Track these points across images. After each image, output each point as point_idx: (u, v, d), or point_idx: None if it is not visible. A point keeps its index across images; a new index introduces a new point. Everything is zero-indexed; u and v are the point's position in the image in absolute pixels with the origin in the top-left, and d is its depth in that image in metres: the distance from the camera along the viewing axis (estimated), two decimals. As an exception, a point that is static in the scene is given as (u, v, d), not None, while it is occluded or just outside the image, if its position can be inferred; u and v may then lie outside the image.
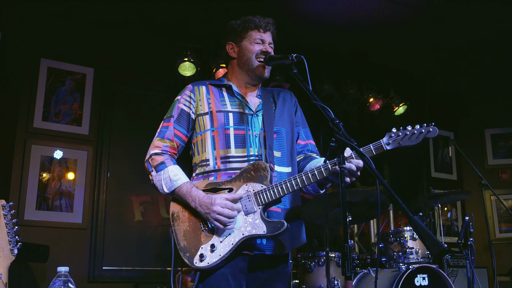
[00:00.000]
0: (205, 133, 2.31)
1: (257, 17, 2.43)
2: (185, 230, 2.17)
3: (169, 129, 2.33)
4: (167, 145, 2.31)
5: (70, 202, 4.66)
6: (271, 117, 2.35)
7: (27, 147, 4.56)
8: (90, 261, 4.62)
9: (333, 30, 5.29)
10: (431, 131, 2.08)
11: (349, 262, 1.78)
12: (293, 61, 2.20)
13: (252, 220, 2.12)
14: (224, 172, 2.25)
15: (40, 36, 4.80)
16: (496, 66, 6.05)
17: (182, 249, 2.13)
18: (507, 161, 6.83)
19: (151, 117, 5.04)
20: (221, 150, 2.26)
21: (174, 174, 2.21)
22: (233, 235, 2.11)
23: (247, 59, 2.38)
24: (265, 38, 2.40)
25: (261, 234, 2.09)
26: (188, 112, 2.36)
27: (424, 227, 1.74)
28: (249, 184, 2.17)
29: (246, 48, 2.39)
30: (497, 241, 6.46)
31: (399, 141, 2.09)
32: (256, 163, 2.20)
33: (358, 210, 4.22)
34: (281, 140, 2.35)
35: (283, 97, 2.49)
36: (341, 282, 3.92)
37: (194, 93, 2.39)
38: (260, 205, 2.14)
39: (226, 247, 2.09)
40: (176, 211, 2.22)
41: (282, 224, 2.08)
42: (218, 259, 2.08)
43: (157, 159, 2.26)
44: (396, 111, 6.34)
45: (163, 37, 5.26)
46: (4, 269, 1.99)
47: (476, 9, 4.87)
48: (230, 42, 2.46)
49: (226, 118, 2.30)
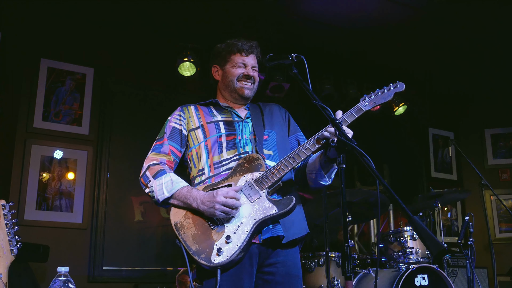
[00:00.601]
0: (200, 146, 2.34)
1: (240, 40, 2.48)
2: (194, 234, 2.13)
3: (164, 144, 2.36)
4: (164, 158, 2.33)
5: (70, 202, 4.66)
6: (260, 122, 2.41)
7: (27, 147, 4.56)
8: (90, 261, 4.62)
9: (333, 30, 5.29)
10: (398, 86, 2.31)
11: (349, 262, 1.79)
12: (293, 61, 2.21)
13: (259, 205, 2.12)
14: (217, 176, 2.27)
15: (40, 36, 4.80)
16: (496, 66, 6.05)
17: (196, 253, 2.08)
18: (507, 161, 6.82)
19: (151, 117, 5.05)
20: (214, 156, 2.29)
21: (176, 178, 2.23)
22: (245, 223, 2.10)
23: (229, 81, 2.45)
24: (247, 62, 2.45)
25: (273, 213, 2.09)
26: (180, 129, 2.40)
27: (424, 227, 1.74)
28: (246, 175, 2.19)
29: (228, 71, 2.46)
30: (497, 241, 6.46)
31: (374, 100, 2.27)
32: (247, 156, 2.24)
33: (358, 210, 4.22)
34: (272, 141, 2.39)
35: (270, 108, 2.56)
36: (341, 282, 3.92)
37: (183, 112, 2.45)
38: (264, 189, 2.15)
39: (242, 236, 2.07)
40: (178, 221, 2.19)
41: (290, 199, 2.11)
42: (236, 250, 2.04)
43: (155, 169, 2.27)
44: (396, 111, 6.34)
45: (163, 37, 5.26)
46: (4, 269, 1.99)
47: (476, 9, 4.87)
48: (215, 65, 2.55)
49: (217, 127, 2.35)
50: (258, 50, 2.51)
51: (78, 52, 4.95)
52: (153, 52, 5.25)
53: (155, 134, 2.46)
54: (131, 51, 5.18)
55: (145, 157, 2.37)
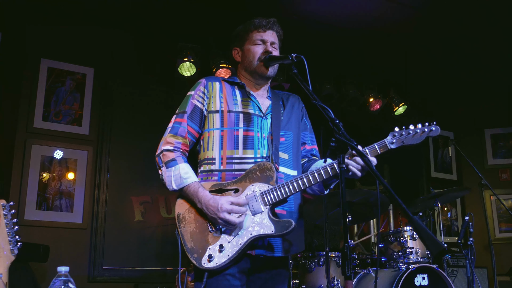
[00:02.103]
0: (214, 131, 2.30)
1: (258, 18, 2.42)
2: (192, 231, 2.16)
3: (182, 125, 2.30)
4: (180, 141, 2.29)
5: (70, 202, 4.66)
6: (279, 121, 2.36)
7: (27, 147, 4.56)
8: (90, 261, 4.62)
9: (333, 30, 5.29)
10: (433, 130, 2.12)
11: (349, 262, 1.79)
12: (293, 61, 2.20)
13: (259, 220, 2.12)
14: (229, 172, 2.24)
15: (40, 36, 4.80)
16: (496, 66, 6.05)
17: (190, 251, 2.13)
18: (507, 161, 6.83)
19: (151, 117, 5.05)
20: (228, 150, 2.26)
21: (184, 172, 2.20)
22: (241, 235, 2.11)
23: (249, 61, 2.39)
24: (265, 38, 2.38)
25: (269, 233, 2.10)
26: (201, 109, 2.34)
27: (424, 227, 1.74)
28: (255, 184, 2.17)
29: (248, 50, 2.40)
30: (497, 241, 6.46)
31: (403, 140, 2.12)
32: (261, 163, 2.20)
33: (358, 210, 4.22)
34: (288, 144, 2.36)
35: (292, 102, 2.50)
36: (341, 282, 3.92)
37: (207, 89, 2.37)
38: (267, 205, 2.14)
39: (235, 247, 2.09)
40: (182, 213, 2.21)
41: (290, 223, 2.09)
42: (226, 259, 2.07)
43: (169, 155, 2.25)
44: (396, 111, 6.35)
45: (163, 37, 5.26)
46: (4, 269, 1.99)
47: (476, 9, 4.87)
48: (235, 48, 2.48)
49: (237, 118, 2.30)
50: (277, 26, 2.44)
51: (78, 52, 4.95)
52: (153, 52, 5.25)
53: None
54: (131, 51, 5.18)
55: (162, 135, 2.33)
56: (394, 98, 6.35)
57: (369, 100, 6.25)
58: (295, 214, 2.31)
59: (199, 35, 5.19)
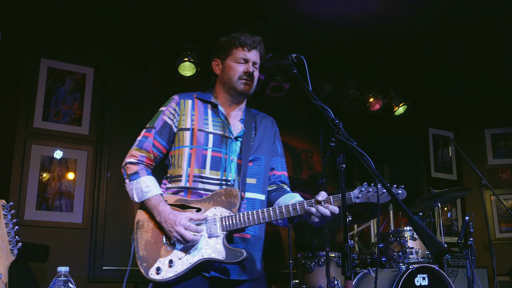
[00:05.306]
0: (183, 149, 2.31)
1: (244, 34, 2.40)
2: (147, 240, 2.20)
3: (148, 139, 2.35)
4: (144, 155, 2.32)
5: (70, 202, 4.66)
6: (249, 146, 2.36)
7: (27, 147, 4.56)
8: (90, 261, 4.62)
9: (333, 30, 5.29)
10: (399, 193, 2.12)
11: (349, 262, 1.79)
12: (293, 61, 2.20)
13: (213, 244, 2.13)
14: (194, 191, 2.25)
15: (40, 36, 4.80)
16: (496, 66, 6.05)
17: (141, 258, 2.17)
18: (507, 161, 6.83)
19: (151, 117, 5.02)
20: (196, 169, 2.27)
21: (146, 186, 2.24)
22: (193, 254, 2.12)
23: (229, 78, 2.38)
24: (248, 57, 2.37)
25: (219, 259, 2.11)
26: (170, 125, 2.37)
27: (424, 227, 1.74)
28: (217, 208, 2.18)
29: (229, 67, 2.39)
30: (497, 241, 6.46)
31: (368, 197, 2.14)
32: (228, 189, 2.21)
33: (358, 210, 4.22)
34: (259, 168, 2.36)
35: (265, 125, 2.49)
36: (341, 282, 3.92)
37: (179, 106, 2.39)
38: (224, 231, 2.14)
39: (184, 265, 2.11)
40: (142, 220, 2.25)
41: (241, 253, 2.10)
42: (173, 275, 2.10)
43: (132, 168, 2.29)
44: (396, 111, 6.35)
45: (163, 37, 5.26)
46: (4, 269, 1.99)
47: (475, 8, 4.87)
48: (216, 59, 2.47)
49: (206, 138, 2.30)
50: (261, 46, 2.43)
51: (78, 52, 4.95)
52: (153, 52, 5.25)
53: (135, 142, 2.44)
54: (131, 51, 5.18)
55: None
56: (394, 98, 6.35)
57: (369, 100, 6.25)
58: (259, 239, 2.31)
59: (199, 35, 5.19)
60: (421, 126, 6.89)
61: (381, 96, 6.27)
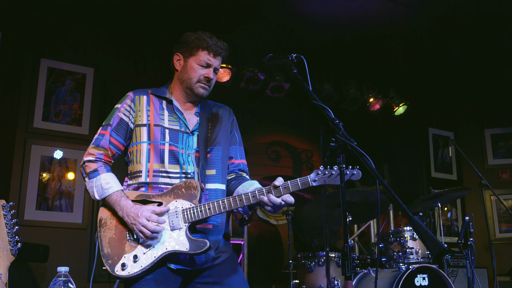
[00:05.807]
0: (141, 145, 2.32)
1: (212, 38, 2.40)
2: (111, 237, 2.20)
3: (104, 137, 2.34)
4: (102, 152, 2.32)
5: (70, 202, 4.66)
6: (206, 138, 2.37)
7: (27, 147, 4.56)
8: (90, 261, 4.62)
9: (333, 30, 5.29)
10: (354, 174, 2.11)
11: (349, 262, 1.79)
12: (293, 61, 2.21)
13: (176, 236, 2.14)
14: (155, 185, 2.26)
15: (40, 36, 4.80)
16: (496, 66, 6.05)
17: (105, 256, 2.17)
18: (507, 161, 6.83)
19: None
20: (155, 164, 2.28)
21: (106, 182, 2.24)
22: (157, 248, 2.13)
23: (188, 78, 2.38)
24: (212, 63, 2.37)
25: (183, 251, 2.12)
26: (126, 122, 2.37)
27: (424, 227, 1.74)
28: (178, 201, 2.20)
29: (191, 67, 2.39)
30: (497, 241, 6.46)
31: (325, 179, 2.12)
32: (188, 181, 2.23)
33: (358, 210, 4.22)
34: (217, 158, 2.37)
35: (221, 115, 2.49)
36: (341, 282, 3.92)
37: (134, 103, 2.40)
38: (187, 223, 2.16)
39: (149, 259, 2.12)
40: (104, 218, 2.24)
41: (205, 243, 2.11)
42: (139, 270, 2.11)
43: (91, 166, 2.29)
44: (396, 111, 6.35)
45: (163, 37, 5.26)
46: (4, 269, 1.99)
47: (475, 8, 4.87)
48: (178, 53, 2.47)
49: (163, 133, 2.31)
50: (226, 54, 2.44)
51: (78, 52, 4.95)
52: (153, 52, 5.25)
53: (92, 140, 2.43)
54: (131, 51, 5.18)
55: None
56: (394, 98, 6.35)
57: (369, 100, 6.25)
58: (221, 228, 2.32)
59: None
60: (421, 126, 6.90)
61: (381, 96, 6.27)
